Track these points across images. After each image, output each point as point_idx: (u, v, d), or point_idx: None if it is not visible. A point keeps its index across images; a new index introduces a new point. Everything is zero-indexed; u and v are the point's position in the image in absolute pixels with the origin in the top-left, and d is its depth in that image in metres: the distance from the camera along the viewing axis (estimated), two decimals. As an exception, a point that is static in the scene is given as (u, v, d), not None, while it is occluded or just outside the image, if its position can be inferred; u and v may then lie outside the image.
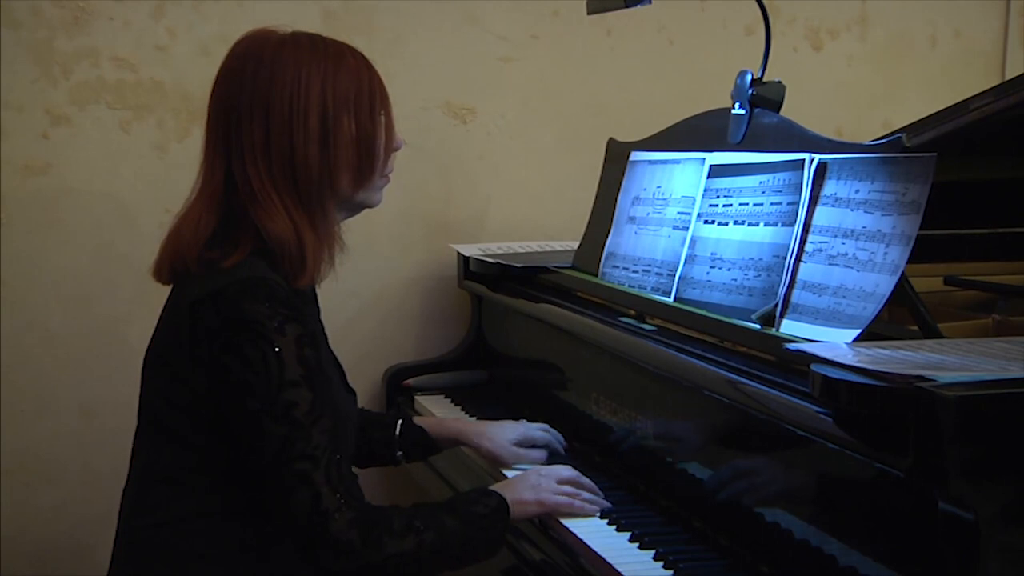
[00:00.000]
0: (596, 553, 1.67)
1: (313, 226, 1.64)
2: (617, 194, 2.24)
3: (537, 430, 2.05)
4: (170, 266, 1.67)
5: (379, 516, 1.59)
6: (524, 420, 2.10)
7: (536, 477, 1.80)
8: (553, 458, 2.02)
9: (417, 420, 2.06)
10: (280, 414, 1.54)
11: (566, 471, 1.83)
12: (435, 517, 1.63)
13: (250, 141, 1.62)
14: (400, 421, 2.03)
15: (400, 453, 2.02)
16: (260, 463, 1.56)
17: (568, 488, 1.79)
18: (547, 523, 1.80)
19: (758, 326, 1.74)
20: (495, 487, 1.77)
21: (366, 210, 1.76)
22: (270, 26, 1.69)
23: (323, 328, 1.79)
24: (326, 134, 1.63)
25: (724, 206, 1.93)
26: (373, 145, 1.68)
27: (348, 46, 1.71)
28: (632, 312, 2.04)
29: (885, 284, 1.59)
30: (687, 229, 2.00)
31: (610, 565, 1.63)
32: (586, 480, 1.83)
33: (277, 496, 1.56)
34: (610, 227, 2.23)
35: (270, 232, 1.61)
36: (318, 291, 1.83)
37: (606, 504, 1.81)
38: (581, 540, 1.71)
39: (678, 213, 2.04)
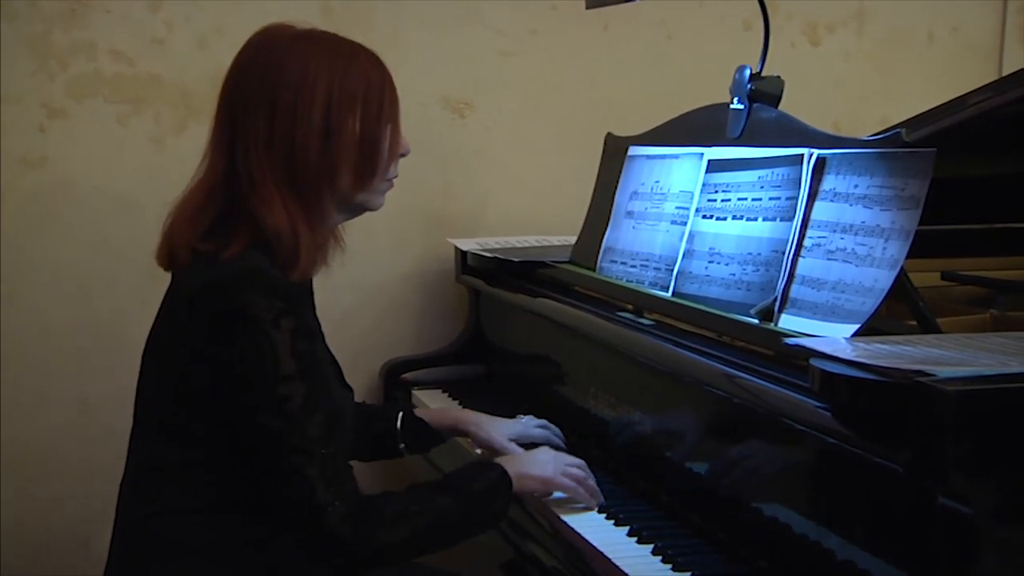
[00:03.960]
0: (595, 547, 1.67)
1: (308, 222, 1.63)
2: (615, 189, 2.23)
3: (535, 427, 2.04)
4: (168, 253, 1.68)
5: (372, 508, 1.59)
6: (524, 418, 2.07)
7: (545, 455, 1.82)
8: None
9: (418, 412, 2.05)
10: (274, 408, 1.54)
11: (575, 460, 1.83)
12: (429, 499, 1.63)
13: (254, 132, 1.61)
14: (401, 414, 2.02)
15: (403, 446, 2.01)
16: (256, 456, 1.57)
17: (575, 472, 1.80)
18: (547, 517, 1.81)
19: (756, 321, 1.74)
20: (500, 460, 1.77)
21: (365, 207, 1.75)
22: (288, 21, 1.68)
23: (319, 325, 1.79)
24: (328, 131, 1.62)
25: (722, 201, 1.93)
26: (377, 148, 1.66)
27: (364, 47, 1.69)
28: (630, 307, 2.04)
29: (884, 279, 1.59)
30: (685, 224, 1.99)
31: (609, 559, 1.63)
32: (592, 480, 1.82)
33: (273, 489, 1.57)
34: (608, 222, 2.22)
35: (267, 222, 1.60)
36: (315, 286, 1.82)
37: (603, 501, 1.81)
38: (580, 535, 1.72)
39: (676, 208, 2.04)
